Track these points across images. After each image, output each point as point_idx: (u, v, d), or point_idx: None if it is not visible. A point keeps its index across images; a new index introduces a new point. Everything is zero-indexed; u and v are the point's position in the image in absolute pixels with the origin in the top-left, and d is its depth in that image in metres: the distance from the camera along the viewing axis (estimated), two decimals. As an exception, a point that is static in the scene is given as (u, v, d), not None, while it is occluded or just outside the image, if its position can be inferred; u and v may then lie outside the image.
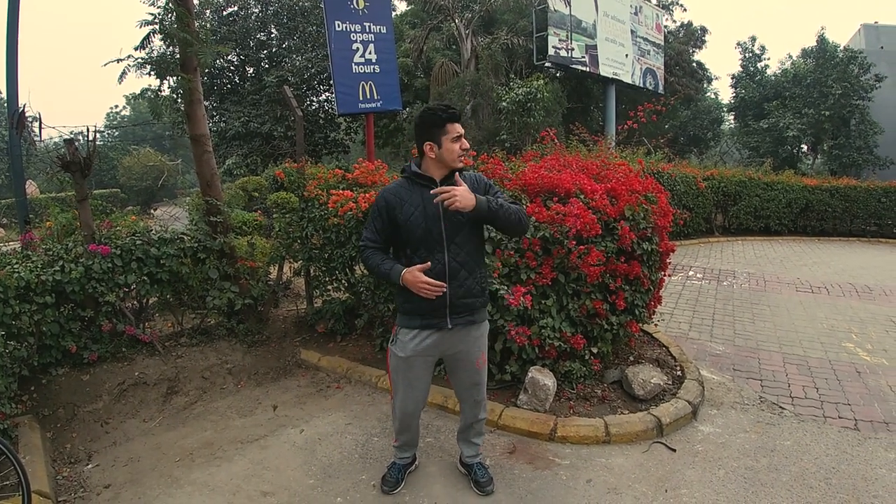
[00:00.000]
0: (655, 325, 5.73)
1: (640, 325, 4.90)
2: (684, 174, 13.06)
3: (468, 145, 2.79)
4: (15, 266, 4.26)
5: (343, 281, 5.55)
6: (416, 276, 2.73)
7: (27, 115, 5.45)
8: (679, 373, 4.72)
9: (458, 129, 2.77)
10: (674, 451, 3.70)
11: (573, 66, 19.12)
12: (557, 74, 22.74)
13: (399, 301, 2.97)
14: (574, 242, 3.93)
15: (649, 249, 4.45)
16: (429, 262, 2.75)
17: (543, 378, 4.01)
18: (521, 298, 3.75)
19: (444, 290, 2.76)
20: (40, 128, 5.87)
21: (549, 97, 16.24)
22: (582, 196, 4.24)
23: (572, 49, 18.59)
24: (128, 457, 3.78)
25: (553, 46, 17.98)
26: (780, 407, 4.40)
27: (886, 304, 7.75)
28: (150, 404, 4.47)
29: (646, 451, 3.69)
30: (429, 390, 3.16)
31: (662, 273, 4.90)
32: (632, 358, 4.88)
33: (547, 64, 18.80)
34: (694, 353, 5.44)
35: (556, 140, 7.09)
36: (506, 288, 3.85)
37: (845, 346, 5.90)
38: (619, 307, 4.29)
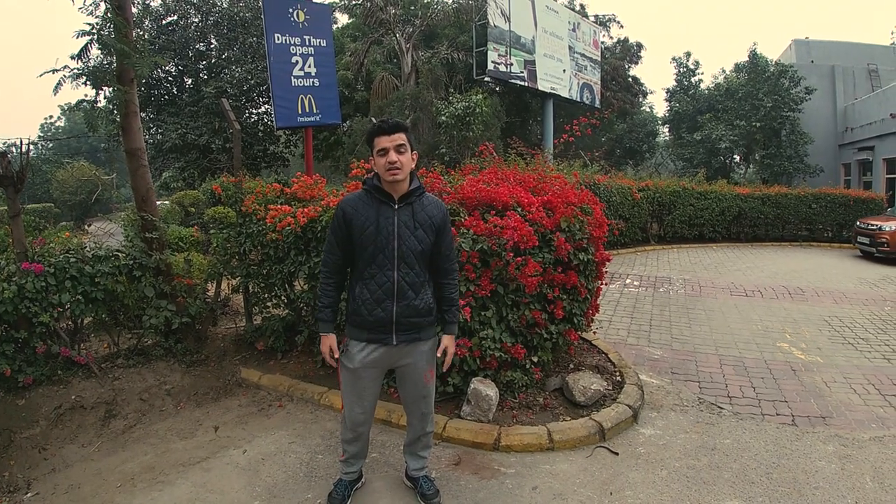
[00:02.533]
0: (594, 332, 5.86)
1: (579, 333, 5.01)
2: (620, 185, 13.48)
3: (395, 158, 2.71)
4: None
5: (282, 297, 5.47)
6: (326, 346, 2.98)
7: None
8: (619, 378, 4.84)
9: (383, 142, 2.73)
10: (616, 454, 3.78)
11: (512, 80, 19.51)
12: (497, 89, 23.14)
13: (348, 313, 2.97)
14: (512, 254, 3.99)
15: (585, 259, 4.57)
16: (332, 337, 2.99)
17: (486, 389, 4.04)
18: (461, 311, 3.79)
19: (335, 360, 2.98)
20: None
21: (487, 111, 16.48)
22: (519, 209, 4.32)
23: (511, 64, 18.96)
24: (68, 484, 3.62)
25: (493, 61, 18.30)
26: (719, 407, 4.57)
27: (818, 304, 8.17)
28: (88, 429, 4.29)
29: (589, 455, 3.76)
30: (375, 405, 3.15)
31: (599, 282, 5.02)
32: (572, 365, 4.97)
33: (486, 78, 19.15)
34: (633, 359, 5.60)
35: (494, 154, 7.20)
36: (445, 300, 3.87)
37: (780, 345, 6.18)
38: (557, 316, 4.37)
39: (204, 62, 20.45)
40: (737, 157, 30.00)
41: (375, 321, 2.83)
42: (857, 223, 14.71)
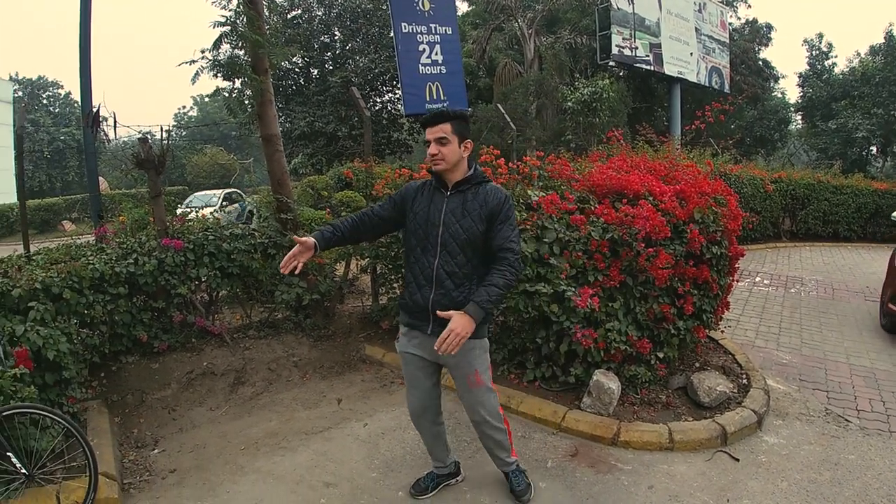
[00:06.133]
0: (722, 331, 5.61)
1: (707, 330, 4.82)
2: (751, 176, 12.62)
3: (434, 150, 2.68)
4: (90, 258, 4.45)
5: (408, 278, 5.61)
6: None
7: (101, 114, 5.63)
8: (745, 381, 4.61)
9: (427, 134, 2.74)
10: (737, 460, 3.63)
11: (637, 64, 18.88)
12: (621, 74, 22.46)
13: (399, 297, 3.05)
14: (643, 245, 3.91)
15: (718, 253, 4.39)
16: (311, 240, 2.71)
17: (608, 381, 3.99)
18: (589, 300, 3.75)
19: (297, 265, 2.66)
20: (115, 126, 6.06)
21: (614, 97, 16.00)
22: (651, 198, 4.21)
23: (636, 48, 18.35)
24: (193, 443, 3.90)
25: (616, 45, 17.79)
26: (846, 420, 4.26)
27: (961, 315, 7.33)
28: (217, 394, 4.61)
29: (709, 459, 3.64)
30: (432, 395, 3.07)
31: (731, 278, 4.80)
32: (697, 364, 4.80)
33: (611, 63, 18.61)
34: (760, 362, 5.30)
35: (622, 140, 7.02)
36: (573, 289, 3.85)
37: (915, 358, 5.62)
38: (686, 312, 4.24)
39: (329, 53, 21.34)
40: (874, 149, 27.34)
41: (414, 306, 2.84)
42: None
